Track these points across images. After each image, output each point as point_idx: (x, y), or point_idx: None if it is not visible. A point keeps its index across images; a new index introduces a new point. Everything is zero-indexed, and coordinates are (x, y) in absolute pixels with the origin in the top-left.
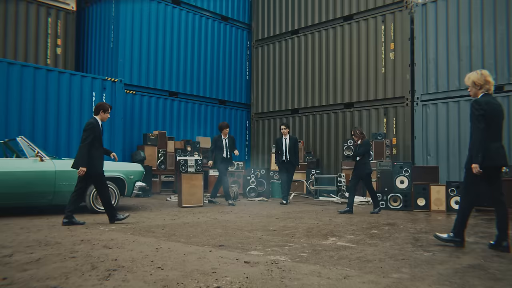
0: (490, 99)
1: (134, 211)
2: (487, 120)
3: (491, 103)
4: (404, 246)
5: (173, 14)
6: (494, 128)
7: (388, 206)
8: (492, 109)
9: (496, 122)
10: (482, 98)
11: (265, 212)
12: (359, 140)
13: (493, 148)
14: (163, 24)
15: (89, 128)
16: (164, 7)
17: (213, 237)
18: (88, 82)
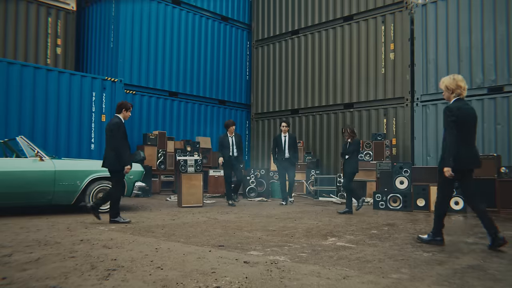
0: (462, 105)
1: (133, 211)
2: (459, 125)
3: (463, 108)
4: (403, 247)
5: (173, 14)
6: (466, 132)
7: (387, 207)
8: (464, 114)
9: (468, 126)
10: (454, 104)
11: (265, 212)
12: (349, 138)
13: (465, 151)
14: (163, 24)
15: (117, 127)
16: (164, 7)
17: (212, 237)
18: (88, 82)
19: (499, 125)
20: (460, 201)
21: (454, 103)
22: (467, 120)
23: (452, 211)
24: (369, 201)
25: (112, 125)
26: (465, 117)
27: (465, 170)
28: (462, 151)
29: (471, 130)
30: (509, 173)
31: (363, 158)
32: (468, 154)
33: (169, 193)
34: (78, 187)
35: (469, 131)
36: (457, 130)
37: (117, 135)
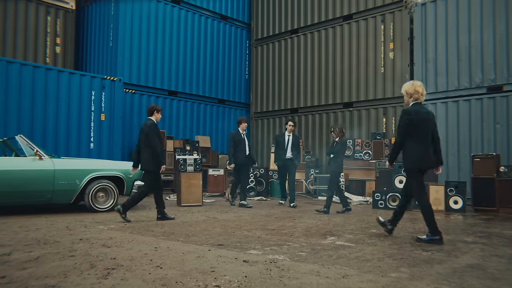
0: (419, 108)
1: (132, 210)
2: (415, 127)
3: (420, 111)
4: (402, 246)
5: (172, 13)
6: (422, 134)
7: (387, 206)
8: (420, 117)
9: (423, 128)
10: (412, 108)
11: (264, 211)
12: (337, 137)
13: (419, 152)
14: (162, 23)
15: (153, 129)
16: (164, 6)
17: (212, 236)
18: (87, 81)
19: (498, 124)
20: (460, 200)
21: (412, 107)
22: (423, 123)
23: (451, 210)
24: (368, 200)
25: (147, 127)
26: (421, 120)
27: (426, 169)
28: (420, 151)
29: (426, 132)
30: (508, 172)
31: (362, 157)
32: (427, 153)
33: (169, 192)
34: (77, 186)
35: (424, 132)
36: (413, 132)
37: (153, 137)
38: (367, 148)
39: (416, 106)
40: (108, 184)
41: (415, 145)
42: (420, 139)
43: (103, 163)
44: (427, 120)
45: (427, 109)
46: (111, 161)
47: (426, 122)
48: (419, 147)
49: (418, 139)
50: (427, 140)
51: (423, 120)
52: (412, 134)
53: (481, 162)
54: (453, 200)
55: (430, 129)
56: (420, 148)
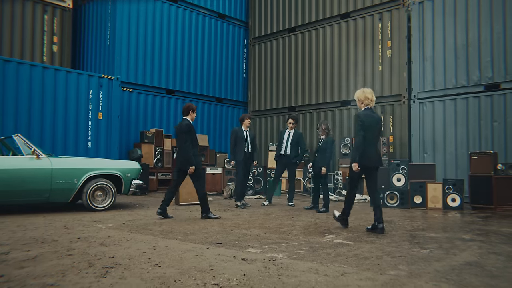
0: (369, 113)
1: (130, 209)
2: (365, 129)
3: (370, 115)
4: (401, 244)
5: (170, 12)
6: (370, 136)
7: (385, 204)
8: (369, 121)
9: (371, 131)
10: (363, 112)
11: (262, 210)
12: (323, 135)
13: (369, 151)
14: (159, 22)
15: (189, 129)
16: (161, 5)
17: (210, 235)
18: (84, 79)
19: (496, 122)
20: (457, 198)
21: (363, 111)
22: (372, 125)
23: (448, 208)
24: (366, 198)
25: (184, 127)
26: (370, 123)
27: (370, 167)
28: (367, 151)
29: (375, 134)
30: (505, 170)
31: None
32: (372, 153)
33: None
34: (75, 185)
35: (372, 134)
36: (364, 132)
37: (188, 137)
38: None
39: (366, 111)
40: (106, 183)
41: (365, 146)
42: (369, 140)
43: (100, 162)
44: (376, 124)
45: (376, 113)
46: (109, 160)
47: (375, 125)
48: (367, 148)
49: (367, 141)
50: (373, 141)
51: (372, 123)
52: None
53: (479, 160)
54: (451, 198)
55: (377, 132)
56: (367, 149)
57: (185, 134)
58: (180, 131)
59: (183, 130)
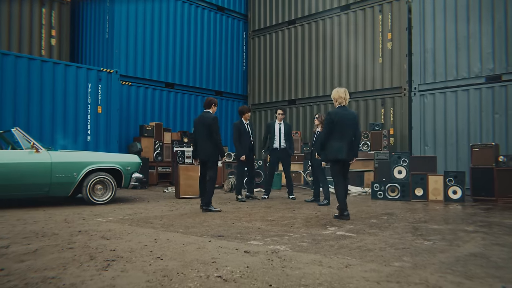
0: (341, 110)
1: (131, 203)
2: (334, 125)
3: (340, 113)
4: (404, 235)
5: (168, 4)
6: (338, 131)
7: (386, 196)
8: (339, 117)
9: (340, 127)
10: (334, 110)
11: (263, 203)
12: (318, 127)
13: (336, 146)
14: (158, 15)
15: (215, 122)
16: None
17: (211, 228)
18: (83, 73)
19: (497, 114)
20: (459, 190)
21: (335, 109)
22: (341, 122)
23: (450, 200)
24: (367, 191)
25: (210, 119)
26: (339, 120)
27: (340, 159)
28: (335, 146)
29: (344, 130)
30: (507, 162)
31: (360, 149)
32: (341, 147)
33: (167, 184)
34: (75, 179)
35: (342, 130)
36: (333, 129)
37: (216, 129)
38: (366, 139)
39: (338, 109)
40: (106, 177)
41: (334, 141)
42: (338, 136)
43: (100, 156)
44: (347, 120)
45: (349, 111)
46: (108, 154)
47: (346, 122)
48: (336, 142)
49: (336, 136)
50: (344, 136)
51: (341, 120)
52: (333, 132)
53: (480, 152)
54: (452, 190)
55: (350, 128)
56: (337, 143)
57: (210, 126)
58: (203, 123)
59: (208, 122)
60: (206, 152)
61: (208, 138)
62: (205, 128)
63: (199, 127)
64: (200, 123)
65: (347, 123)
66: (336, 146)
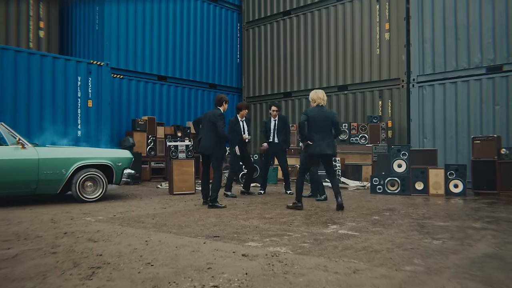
0: (318, 109)
1: (123, 200)
2: (311, 123)
3: (316, 110)
4: (410, 234)
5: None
6: (316, 129)
7: (385, 191)
8: (315, 116)
9: (316, 123)
10: (311, 108)
11: (259, 198)
12: None
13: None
14: (150, 6)
15: (222, 117)
16: None
17: (206, 227)
18: (72, 66)
19: (498, 105)
20: (460, 184)
21: (312, 108)
22: (316, 119)
23: (451, 194)
24: (365, 185)
25: (217, 116)
26: (316, 118)
27: (319, 154)
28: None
29: (321, 126)
30: (509, 155)
31: (358, 142)
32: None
33: (160, 180)
34: (63, 176)
35: (318, 126)
36: (310, 127)
37: (222, 124)
38: (363, 132)
39: (315, 108)
40: (96, 173)
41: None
42: (315, 133)
43: (90, 151)
44: (324, 118)
45: (326, 109)
46: (99, 149)
47: (323, 119)
48: (313, 140)
49: (314, 133)
50: (320, 133)
51: (317, 117)
52: (310, 129)
53: (482, 144)
54: (453, 183)
55: (325, 125)
56: (315, 140)
57: (216, 123)
58: (209, 119)
59: (216, 118)
60: (208, 146)
61: (212, 132)
62: (211, 123)
63: (205, 123)
64: (207, 119)
65: (323, 120)
66: (316, 142)
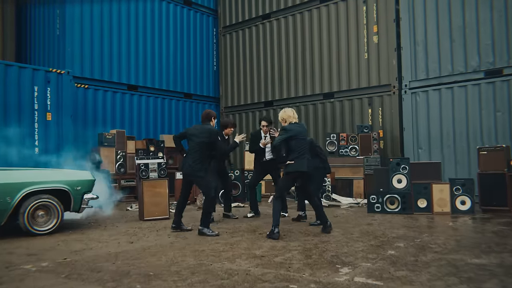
0: (295, 126)
1: (82, 230)
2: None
3: (295, 125)
4: (448, 282)
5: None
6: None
7: (384, 209)
8: (296, 129)
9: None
10: (288, 126)
11: (244, 223)
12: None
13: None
14: (117, 9)
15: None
16: None
17: (182, 276)
18: (28, 74)
19: (499, 112)
20: (468, 201)
21: (288, 125)
22: (298, 135)
23: (457, 211)
24: (359, 202)
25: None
26: (296, 134)
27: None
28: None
29: (301, 144)
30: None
31: (348, 154)
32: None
33: (131, 199)
34: (8, 205)
35: (299, 144)
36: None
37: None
38: (353, 143)
39: (291, 125)
40: (49, 200)
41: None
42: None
43: (42, 174)
44: (302, 134)
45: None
46: (53, 171)
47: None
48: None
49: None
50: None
51: (298, 133)
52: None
53: (489, 155)
54: (460, 200)
55: (303, 141)
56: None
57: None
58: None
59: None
60: (190, 165)
61: (198, 150)
62: (203, 143)
63: (193, 142)
64: (195, 133)
65: (301, 136)
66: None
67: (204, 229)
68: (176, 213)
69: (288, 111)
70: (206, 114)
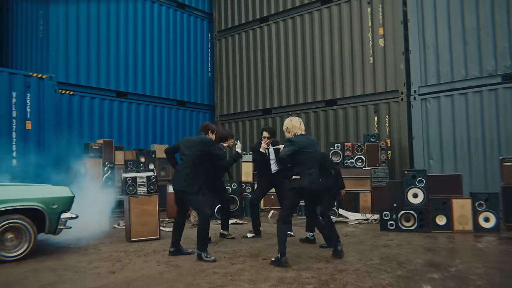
0: (301, 137)
1: (58, 255)
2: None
3: (301, 136)
4: None
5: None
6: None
7: (399, 227)
8: (302, 141)
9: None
10: (294, 137)
11: (244, 245)
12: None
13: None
14: (106, 11)
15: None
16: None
17: None
18: (4, 79)
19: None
20: (492, 217)
21: (294, 137)
22: (305, 148)
23: (481, 229)
24: (368, 218)
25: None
26: (304, 146)
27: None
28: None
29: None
30: None
31: (354, 165)
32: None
33: (120, 215)
34: None
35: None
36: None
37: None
38: (360, 153)
39: (297, 137)
40: (20, 221)
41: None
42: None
43: (13, 191)
44: (312, 146)
45: (309, 137)
46: (26, 187)
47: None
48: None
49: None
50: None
51: (306, 144)
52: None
53: (506, 167)
54: (484, 216)
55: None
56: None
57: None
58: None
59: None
60: (180, 181)
61: (190, 165)
62: (192, 151)
63: (184, 151)
64: (187, 145)
65: (311, 149)
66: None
67: (202, 253)
68: (174, 234)
69: (295, 121)
70: (204, 127)
